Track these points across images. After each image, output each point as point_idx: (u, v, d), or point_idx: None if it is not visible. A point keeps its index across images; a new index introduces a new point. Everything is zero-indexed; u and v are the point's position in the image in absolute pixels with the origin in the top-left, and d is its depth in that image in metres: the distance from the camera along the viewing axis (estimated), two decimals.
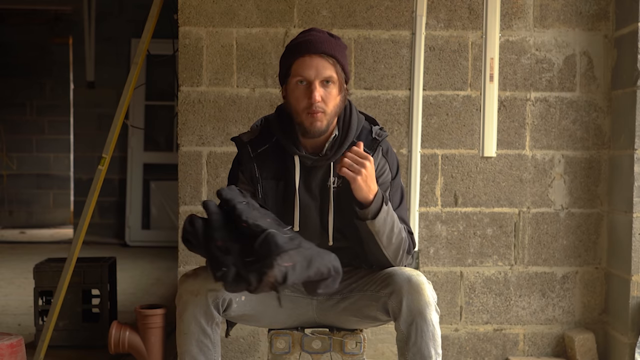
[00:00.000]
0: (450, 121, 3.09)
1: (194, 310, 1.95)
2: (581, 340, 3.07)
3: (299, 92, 1.98)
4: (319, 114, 1.96)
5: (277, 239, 1.69)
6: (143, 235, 7.30)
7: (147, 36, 3.08)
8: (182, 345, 1.98)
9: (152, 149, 7.39)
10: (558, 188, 3.13)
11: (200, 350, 1.96)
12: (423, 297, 1.90)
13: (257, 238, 1.71)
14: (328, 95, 1.97)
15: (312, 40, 1.98)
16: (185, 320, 1.96)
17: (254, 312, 2.05)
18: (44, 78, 9.12)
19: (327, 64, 1.96)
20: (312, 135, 2.00)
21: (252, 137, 2.10)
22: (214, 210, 1.82)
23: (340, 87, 1.99)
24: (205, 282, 1.95)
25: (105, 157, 3.09)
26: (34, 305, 3.50)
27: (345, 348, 2.11)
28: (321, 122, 1.97)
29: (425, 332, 1.91)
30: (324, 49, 1.96)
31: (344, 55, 2.01)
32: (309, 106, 1.96)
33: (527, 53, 3.10)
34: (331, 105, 1.98)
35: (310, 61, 1.95)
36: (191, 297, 1.95)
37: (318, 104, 1.95)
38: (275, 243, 1.69)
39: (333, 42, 1.99)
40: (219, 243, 1.75)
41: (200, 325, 1.95)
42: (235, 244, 1.74)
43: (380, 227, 1.94)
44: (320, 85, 1.96)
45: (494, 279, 3.13)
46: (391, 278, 1.97)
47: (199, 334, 1.96)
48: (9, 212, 9.26)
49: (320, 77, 1.96)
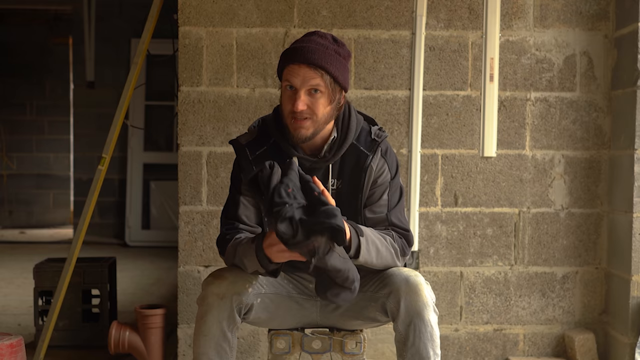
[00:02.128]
0: (450, 121, 3.09)
1: (218, 314, 1.93)
2: (581, 341, 3.07)
3: (286, 97, 1.98)
4: (303, 122, 1.94)
5: (339, 219, 1.73)
6: (143, 235, 7.30)
7: (147, 36, 3.08)
8: (201, 347, 1.97)
9: (152, 149, 7.39)
10: (558, 188, 3.13)
11: (217, 354, 1.96)
12: (421, 298, 1.90)
13: (323, 206, 1.74)
14: (315, 103, 1.94)
15: (304, 49, 1.94)
16: (207, 322, 1.94)
17: (269, 315, 2.06)
18: (44, 78, 9.13)
19: (315, 75, 1.92)
20: (296, 141, 1.98)
21: (249, 139, 2.09)
22: (295, 169, 1.83)
23: (330, 98, 1.96)
24: (231, 286, 1.94)
25: (105, 157, 3.09)
26: (34, 305, 3.50)
27: (345, 348, 2.11)
28: (306, 129, 1.96)
29: (423, 332, 1.91)
30: (313, 60, 1.92)
31: (338, 65, 1.96)
32: (292, 112, 1.95)
33: (527, 53, 3.10)
34: (320, 113, 1.95)
35: (298, 69, 1.93)
36: (216, 300, 1.93)
37: (301, 112, 1.93)
38: (337, 221, 1.71)
39: (329, 51, 1.95)
40: (289, 190, 1.77)
41: (221, 329, 1.94)
42: (302, 200, 1.77)
43: (366, 258, 1.93)
44: (307, 93, 1.94)
45: (494, 279, 3.13)
46: (389, 279, 1.97)
47: (219, 337, 1.95)
48: (9, 212, 9.27)
49: (306, 86, 1.93)
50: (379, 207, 2.06)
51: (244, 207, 2.06)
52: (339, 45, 1.99)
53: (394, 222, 2.06)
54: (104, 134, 3.72)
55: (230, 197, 2.09)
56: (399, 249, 2.02)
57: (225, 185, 3.01)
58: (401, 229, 2.06)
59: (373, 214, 2.06)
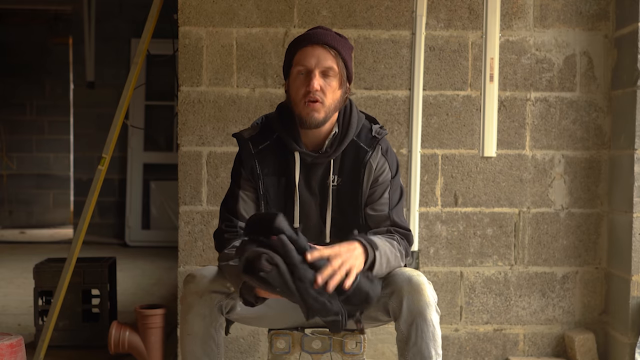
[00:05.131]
0: (450, 121, 3.09)
1: (198, 312, 1.94)
2: (581, 340, 3.07)
3: (299, 82, 1.99)
4: (316, 104, 1.96)
5: (369, 289, 1.84)
6: (143, 235, 7.30)
7: (147, 36, 3.08)
8: (186, 346, 1.97)
9: (152, 149, 7.39)
10: (558, 188, 3.13)
11: (204, 352, 1.96)
12: (423, 298, 1.91)
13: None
14: (327, 87, 1.97)
15: (316, 33, 2.01)
16: (189, 322, 1.95)
17: (256, 314, 2.05)
18: (44, 78, 9.13)
19: (329, 55, 1.97)
20: (309, 126, 1.99)
21: (252, 134, 2.10)
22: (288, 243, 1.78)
23: (340, 80, 2.00)
24: (210, 284, 1.94)
25: (105, 157, 3.09)
26: (34, 305, 3.50)
27: (345, 348, 2.11)
28: (318, 112, 1.97)
29: (425, 332, 1.91)
30: (327, 41, 1.98)
31: (348, 53, 2.02)
32: (306, 94, 1.96)
33: (527, 53, 3.10)
34: (330, 98, 1.98)
35: (312, 50, 1.97)
36: (196, 299, 1.94)
37: (316, 93, 1.95)
38: (368, 294, 1.84)
39: (338, 38, 2.02)
40: (316, 286, 1.76)
41: (204, 327, 1.95)
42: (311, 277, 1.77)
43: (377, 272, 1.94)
44: (320, 75, 1.97)
45: (494, 279, 3.13)
46: (392, 278, 1.97)
47: (204, 335, 1.95)
48: (9, 212, 9.27)
49: (321, 67, 1.96)
50: (380, 205, 2.07)
51: (243, 201, 2.07)
52: (343, 38, 2.05)
53: (396, 221, 2.07)
54: (104, 134, 3.72)
55: (230, 191, 2.11)
56: (403, 251, 2.04)
57: (225, 185, 3.01)
58: (402, 229, 2.07)
59: (374, 211, 2.07)
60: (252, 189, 2.07)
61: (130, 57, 7.28)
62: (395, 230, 2.06)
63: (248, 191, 2.07)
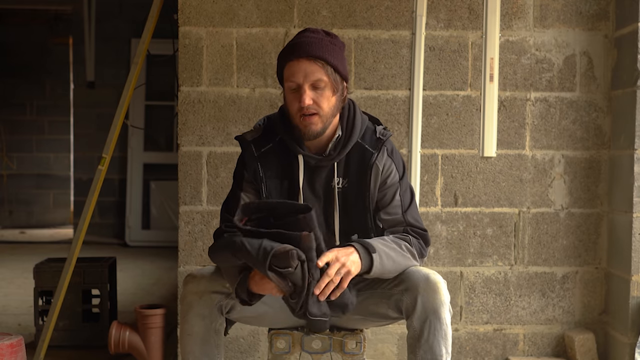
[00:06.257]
0: (450, 121, 3.09)
1: (198, 312, 1.94)
2: (581, 340, 3.07)
3: (292, 97, 1.98)
4: (312, 117, 1.95)
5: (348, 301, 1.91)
6: (143, 235, 7.30)
7: (147, 36, 3.08)
8: (186, 346, 1.97)
9: (152, 149, 7.39)
10: (558, 188, 3.13)
11: (204, 352, 1.96)
12: (439, 296, 1.92)
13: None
14: (320, 97, 1.95)
15: (300, 44, 1.96)
16: (189, 321, 1.95)
17: (256, 313, 2.05)
18: (44, 78, 9.13)
19: (316, 67, 1.94)
20: (308, 138, 1.99)
21: (255, 136, 2.09)
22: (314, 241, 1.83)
23: (333, 88, 1.97)
24: (210, 284, 1.95)
25: (105, 157, 3.09)
26: (34, 305, 3.50)
27: (345, 348, 2.11)
28: (315, 125, 1.97)
29: (438, 330, 1.92)
30: (311, 52, 1.94)
31: (337, 56, 1.98)
32: (300, 109, 1.95)
33: (527, 53, 3.10)
34: (326, 106, 1.97)
35: (299, 65, 1.94)
36: (196, 299, 1.94)
37: (309, 107, 1.94)
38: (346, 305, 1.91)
39: (325, 42, 1.97)
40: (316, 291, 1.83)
41: (204, 327, 1.95)
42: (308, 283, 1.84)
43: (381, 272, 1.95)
44: (310, 88, 1.95)
45: (494, 279, 3.13)
46: (406, 276, 1.98)
47: (204, 335, 1.95)
48: (9, 212, 9.27)
49: (309, 81, 1.94)
50: (393, 209, 2.07)
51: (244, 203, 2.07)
52: (332, 37, 2.01)
53: (411, 222, 2.08)
54: (104, 134, 3.72)
55: (232, 192, 2.11)
56: (417, 251, 2.04)
57: (225, 185, 3.01)
58: (418, 229, 2.08)
59: (388, 215, 2.07)
60: (254, 191, 2.07)
61: (130, 57, 7.28)
62: (412, 231, 2.06)
63: (250, 193, 2.07)
